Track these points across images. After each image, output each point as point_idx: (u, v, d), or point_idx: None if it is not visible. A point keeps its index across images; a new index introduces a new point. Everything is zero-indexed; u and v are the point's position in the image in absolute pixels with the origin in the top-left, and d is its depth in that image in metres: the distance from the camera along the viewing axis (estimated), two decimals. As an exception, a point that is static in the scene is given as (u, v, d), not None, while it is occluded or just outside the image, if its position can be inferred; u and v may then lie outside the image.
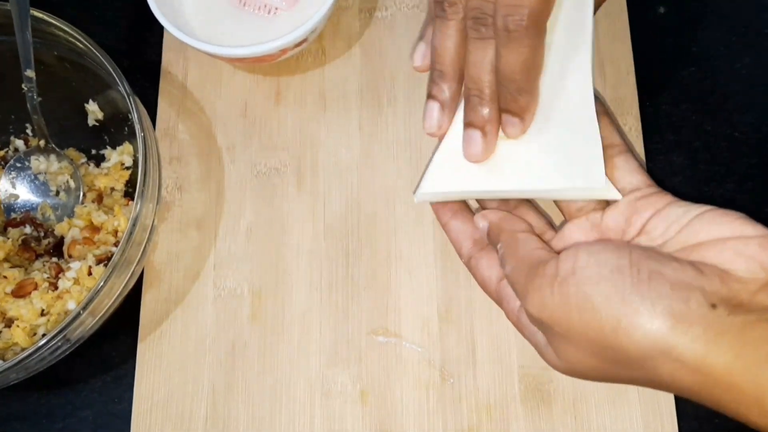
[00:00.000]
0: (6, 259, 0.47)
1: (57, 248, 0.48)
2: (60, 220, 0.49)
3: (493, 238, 0.37)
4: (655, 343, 0.28)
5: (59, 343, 0.40)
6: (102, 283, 0.40)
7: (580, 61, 0.36)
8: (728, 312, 0.28)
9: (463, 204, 0.41)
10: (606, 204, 0.36)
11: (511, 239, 0.35)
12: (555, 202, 0.38)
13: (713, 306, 0.28)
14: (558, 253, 0.33)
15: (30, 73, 0.46)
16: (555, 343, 0.33)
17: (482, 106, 0.36)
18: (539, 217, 0.39)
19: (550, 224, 0.39)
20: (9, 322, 0.45)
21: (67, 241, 0.48)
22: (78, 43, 0.45)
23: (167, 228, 0.49)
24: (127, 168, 0.50)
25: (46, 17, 0.45)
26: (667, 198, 0.34)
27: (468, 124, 0.37)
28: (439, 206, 0.41)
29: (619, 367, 0.30)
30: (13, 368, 0.38)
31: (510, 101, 0.35)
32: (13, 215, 0.49)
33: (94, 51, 0.44)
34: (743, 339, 0.27)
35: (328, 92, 0.51)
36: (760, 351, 0.27)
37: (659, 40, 0.52)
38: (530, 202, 0.40)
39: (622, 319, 0.28)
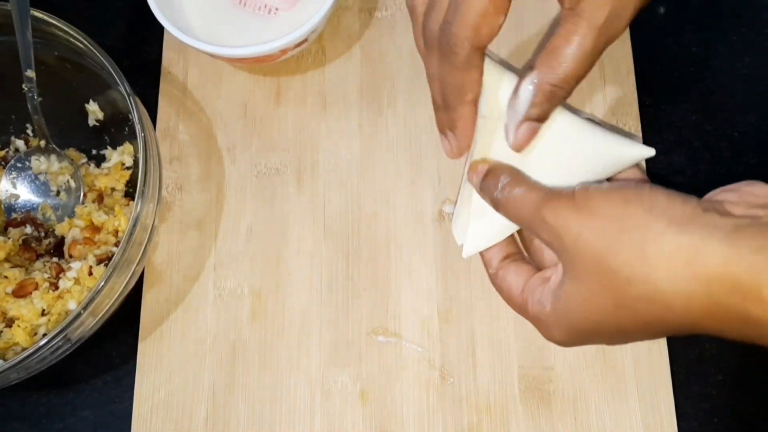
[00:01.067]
0: (7, 259, 0.47)
1: (57, 248, 0.48)
2: (60, 220, 0.49)
3: (494, 174, 0.36)
4: (654, 245, 0.29)
5: (60, 343, 0.40)
6: (102, 283, 0.40)
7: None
8: (720, 215, 0.29)
9: None
10: None
11: (517, 171, 0.36)
12: None
13: (705, 210, 0.30)
14: None
15: (30, 73, 0.46)
16: (566, 276, 0.33)
17: (437, 112, 0.39)
18: None
19: None
20: (10, 322, 0.45)
21: (67, 241, 0.48)
22: (78, 44, 0.45)
23: (168, 228, 0.49)
24: (128, 168, 0.50)
25: (46, 17, 0.45)
26: None
27: (438, 128, 0.40)
28: None
29: (620, 274, 0.30)
30: (13, 368, 0.38)
31: (444, 115, 0.38)
32: (14, 215, 0.49)
33: (95, 51, 0.44)
34: (736, 234, 0.28)
35: (328, 92, 0.51)
36: (752, 242, 0.28)
37: (659, 40, 0.52)
38: None
39: (623, 222, 0.30)
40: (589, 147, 0.37)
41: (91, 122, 0.51)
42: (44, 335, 0.40)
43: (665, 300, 0.29)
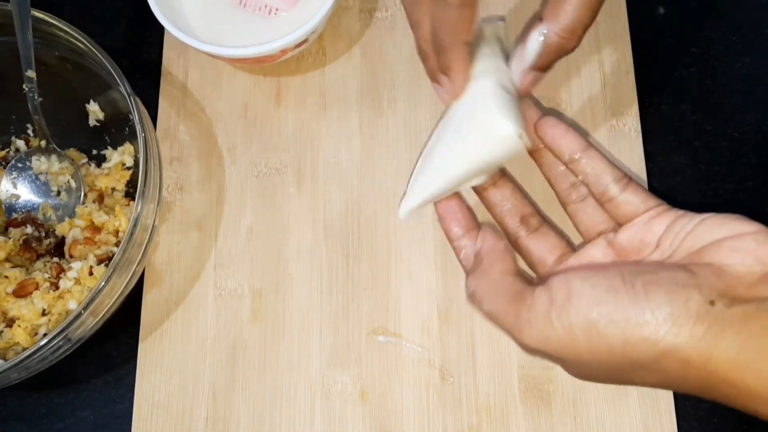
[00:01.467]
0: (7, 259, 0.47)
1: (58, 248, 0.48)
2: (61, 220, 0.49)
3: (455, 241, 0.38)
4: (663, 350, 0.29)
5: (60, 343, 0.40)
6: (103, 283, 0.40)
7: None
8: (727, 306, 0.28)
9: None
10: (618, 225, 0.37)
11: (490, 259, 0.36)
12: (574, 223, 0.39)
13: (712, 303, 0.28)
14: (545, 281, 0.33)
15: (31, 73, 0.46)
16: (566, 366, 0.33)
17: (427, 61, 0.38)
18: (559, 238, 0.39)
19: (570, 244, 0.39)
20: (10, 322, 0.45)
21: (68, 241, 0.48)
22: (79, 44, 0.45)
23: (168, 228, 0.49)
24: (128, 168, 0.50)
25: (47, 18, 0.45)
26: (678, 213, 0.34)
27: (429, 77, 0.39)
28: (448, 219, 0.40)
29: (631, 374, 0.31)
30: (14, 368, 0.39)
31: (438, 59, 0.37)
32: (15, 215, 0.49)
33: (95, 51, 0.44)
34: (745, 332, 0.28)
35: (328, 93, 0.51)
36: (762, 343, 0.27)
37: (659, 40, 0.52)
38: (551, 225, 0.40)
39: (628, 336, 0.29)
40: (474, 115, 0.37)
41: (92, 122, 0.51)
42: (45, 335, 0.40)
43: (682, 389, 0.30)
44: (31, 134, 0.51)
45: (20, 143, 0.51)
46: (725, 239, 0.30)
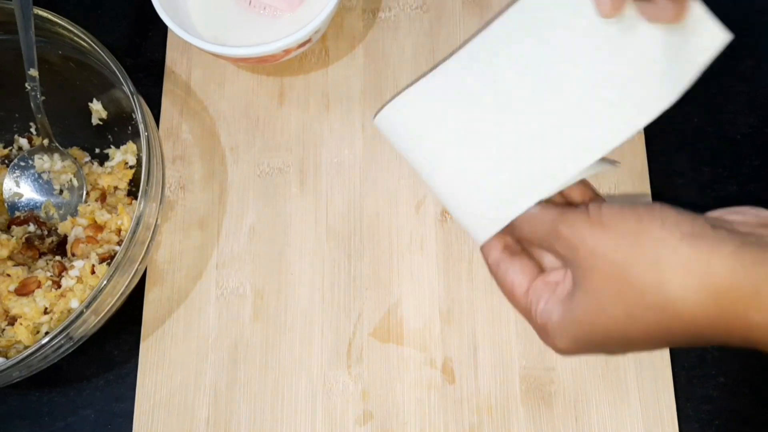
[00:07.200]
0: (10, 257, 0.47)
1: (60, 247, 0.48)
2: (63, 218, 0.49)
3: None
4: (668, 257, 0.30)
5: (62, 342, 0.40)
6: (105, 282, 0.40)
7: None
8: (728, 233, 0.31)
9: None
10: None
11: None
12: None
13: (714, 226, 0.31)
14: None
15: (33, 72, 0.46)
16: (578, 289, 0.33)
17: None
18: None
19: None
20: (12, 320, 0.45)
21: (70, 239, 0.48)
22: (82, 42, 0.45)
23: (170, 227, 0.50)
24: (131, 167, 0.50)
25: (50, 16, 0.45)
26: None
27: None
28: None
29: (634, 303, 0.31)
30: (15, 366, 0.39)
31: None
32: (17, 213, 0.50)
33: (98, 50, 0.44)
34: (742, 249, 0.30)
35: (331, 93, 0.51)
36: (757, 256, 0.29)
37: (662, 42, 0.52)
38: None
39: (638, 237, 0.31)
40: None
41: (95, 121, 0.51)
42: (46, 333, 0.40)
43: (675, 309, 0.30)
44: (34, 133, 0.51)
45: (23, 142, 0.51)
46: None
